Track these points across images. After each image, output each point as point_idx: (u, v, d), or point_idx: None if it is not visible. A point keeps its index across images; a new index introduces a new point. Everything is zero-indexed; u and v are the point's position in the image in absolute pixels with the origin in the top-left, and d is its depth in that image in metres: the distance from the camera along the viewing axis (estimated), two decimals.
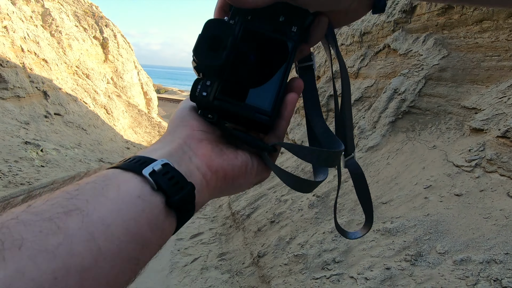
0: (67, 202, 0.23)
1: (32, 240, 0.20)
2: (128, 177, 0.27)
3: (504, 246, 1.68)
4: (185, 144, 0.32)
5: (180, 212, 0.28)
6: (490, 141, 2.44)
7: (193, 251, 3.98)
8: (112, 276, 0.22)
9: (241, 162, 0.34)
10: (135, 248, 0.24)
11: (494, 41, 3.11)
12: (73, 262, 0.20)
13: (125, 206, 0.24)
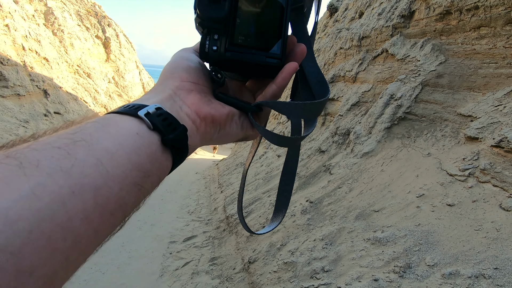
0: (72, 136, 0.24)
1: (47, 162, 0.21)
2: (126, 119, 0.29)
3: (494, 261, 1.63)
4: (175, 94, 0.34)
5: (175, 150, 0.30)
6: (485, 150, 2.40)
7: (185, 254, 3.94)
8: (120, 197, 0.24)
9: (228, 111, 0.37)
10: (138, 175, 0.26)
11: (492, 48, 3.06)
12: (87, 181, 0.22)
13: (125, 140, 0.26)
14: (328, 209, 3.09)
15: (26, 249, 0.18)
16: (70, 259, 0.21)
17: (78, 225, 0.21)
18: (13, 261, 0.18)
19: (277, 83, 0.38)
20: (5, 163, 0.20)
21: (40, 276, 0.19)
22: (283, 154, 6.16)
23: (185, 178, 8.83)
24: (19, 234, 0.18)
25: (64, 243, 0.20)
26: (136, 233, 4.61)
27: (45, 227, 0.19)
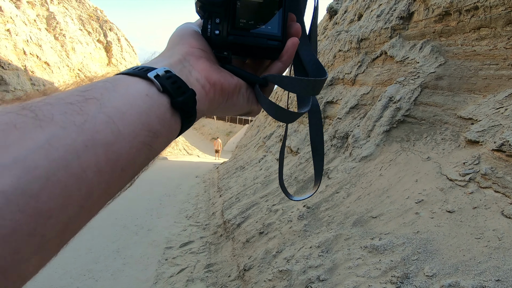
0: (84, 93, 0.25)
1: (61, 116, 0.22)
2: (135, 80, 0.29)
3: (496, 272, 1.55)
4: (185, 60, 0.34)
5: (183, 114, 0.31)
6: (486, 154, 2.32)
7: (181, 260, 3.87)
8: (130, 155, 0.25)
9: (236, 81, 0.38)
10: (148, 135, 0.27)
11: (492, 49, 2.99)
12: (99, 137, 0.23)
13: (135, 100, 0.27)
14: (325, 214, 3.01)
15: (44, 194, 0.19)
16: (84, 209, 0.22)
17: (91, 177, 0.22)
18: (32, 204, 0.19)
19: (283, 61, 0.40)
20: (22, 114, 0.21)
21: (57, 221, 0.20)
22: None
23: (185, 182, 8.77)
24: (37, 180, 0.19)
25: (78, 193, 0.21)
26: (133, 239, 4.55)
27: (60, 176, 0.20)
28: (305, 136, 5.72)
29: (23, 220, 0.18)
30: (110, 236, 4.56)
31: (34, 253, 0.19)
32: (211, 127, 28.58)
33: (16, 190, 0.18)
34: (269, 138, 8.16)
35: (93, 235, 4.52)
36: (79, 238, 1.12)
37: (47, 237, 0.20)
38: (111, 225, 5.03)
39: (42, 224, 0.19)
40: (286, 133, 0.55)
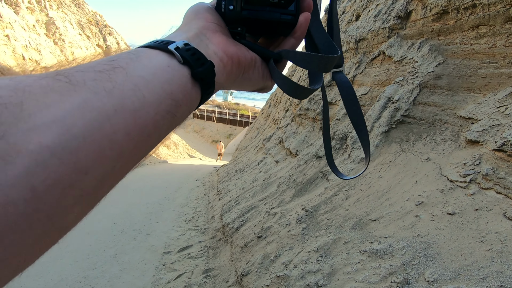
0: (111, 62, 0.27)
1: (92, 82, 0.24)
2: (157, 52, 0.30)
3: (499, 277, 1.49)
4: (201, 34, 0.35)
5: (203, 84, 0.32)
6: (487, 154, 2.26)
7: (179, 266, 3.81)
8: (156, 122, 0.27)
9: (252, 55, 0.39)
10: (171, 104, 0.28)
11: (492, 47, 2.94)
12: (127, 103, 0.24)
13: (158, 71, 0.28)
14: (324, 218, 2.96)
15: (82, 151, 0.21)
16: (115, 168, 0.24)
17: (121, 139, 0.23)
18: (73, 159, 0.20)
19: (296, 37, 0.41)
20: (57, 79, 0.23)
21: (93, 177, 0.22)
22: (281, 160, 6.04)
23: (184, 185, 8.72)
24: (75, 138, 0.21)
25: (111, 153, 0.23)
26: (130, 244, 4.49)
27: (95, 135, 0.22)
28: (304, 138, 5.67)
29: (65, 173, 0.20)
30: (107, 242, 4.51)
31: (74, 204, 0.21)
32: (212, 130, 28.55)
33: (58, 146, 0.20)
34: (269, 140, 8.12)
35: (91, 240, 4.47)
36: (76, 244, 1.08)
37: (85, 191, 0.22)
38: (109, 230, 4.98)
39: (81, 179, 0.21)
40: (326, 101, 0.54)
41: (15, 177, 0.18)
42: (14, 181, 0.18)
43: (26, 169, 0.18)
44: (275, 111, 10.39)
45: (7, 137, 0.18)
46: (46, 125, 0.20)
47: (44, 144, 0.19)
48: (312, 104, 6.03)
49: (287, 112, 8.24)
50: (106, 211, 5.84)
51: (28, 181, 0.18)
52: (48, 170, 0.19)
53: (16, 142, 0.19)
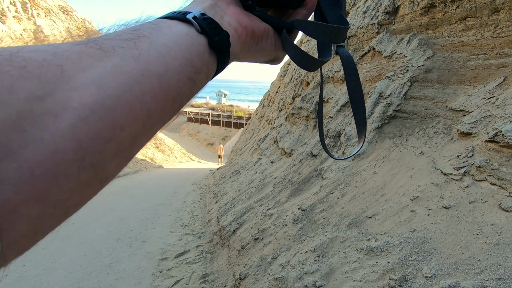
0: (135, 32, 0.28)
1: (120, 49, 0.26)
2: (175, 22, 0.32)
3: (497, 269, 1.47)
4: (216, 5, 0.36)
5: (219, 53, 0.33)
6: (479, 146, 2.25)
7: (176, 272, 3.75)
8: (179, 87, 0.29)
9: (265, 26, 0.40)
10: (191, 71, 0.30)
11: (480, 39, 2.94)
12: (152, 68, 0.26)
13: (178, 39, 0.30)
14: (320, 217, 2.93)
15: (117, 109, 0.23)
16: (145, 128, 0.26)
17: (149, 101, 0.26)
18: (110, 116, 0.22)
19: (307, 8, 0.42)
20: (89, 46, 0.25)
21: (128, 134, 0.24)
22: (276, 160, 6.01)
23: (180, 190, 8.64)
24: (110, 98, 0.23)
25: (141, 113, 0.25)
26: (126, 252, 4.42)
27: (127, 96, 0.24)
28: (298, 137, 5.65)
29: (104, 128, 0.22)
30: (103, 251, 4.42)
31: (113, 157, 0.23)
32: (207, 133, 28.44)
33: (96, 104, 0.22)
34: (263, 141, 8.08)
35: (85, 250, 4.38)
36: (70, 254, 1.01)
37: (122, 145, 0.24)
38: (104, 238, 4.89)
39: (118, 134, 0.23)
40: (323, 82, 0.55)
41: (63, 130, 0.20)
42: (63, 132, 0.20)
43: (72, 123, 0.20)
44: (269, 111, 10.37)
45: (54, 95, 0.20)
46: (85, 86, 0.22)
47: (85, 102, 0.21)
48: (305, 103, 6.01)
49: (281, 112, 8.22)
50: (101, 219, 5.75)
51: (74, 133, 0.20)
52: (90, 124, 0.21)
53: (62, 99, 0.21)
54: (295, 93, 7.25)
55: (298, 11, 0.43)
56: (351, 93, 0.49)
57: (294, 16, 0.43)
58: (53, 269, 3.82)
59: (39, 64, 0.21)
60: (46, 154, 0.19)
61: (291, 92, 7.60)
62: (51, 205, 0.20)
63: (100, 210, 6.26)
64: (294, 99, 7.15)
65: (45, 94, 0.20)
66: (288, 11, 0.44)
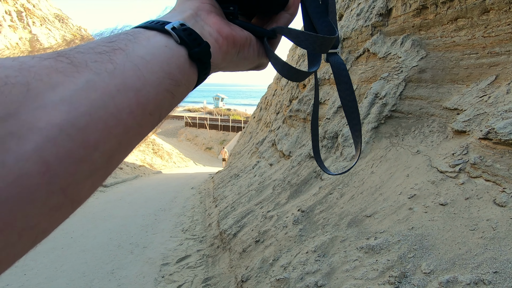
0: (110, 44, 0.27)
1: (93, 64, 0.24)
2: (154, 33, 0.31)
3: (493, 263, 1.51)
4: (196, 15, 0.36)
5: (200, 65, 0.32)
6: (473, 144, 2.30)
7: (178, 277, 3.76)
8: (157, 101, 0.27)
9: (247, 34, 0.39)
10: (170, 83, 0.29)
11: (471, 39, 3.01)
12: (129, 83, 0.25)
13: (156, 51, 0.29)
14: (320, 217, 2.96)
15: (90, 128, 0.22)
16: (122, 145, 0.25)
17: (125, 117, 0.24)
18: (81, 136, 0.21)
19: (290, 12, 0.41)
20: (60, 60, 0.23)
21: (102, 152, 0.23)
22: (275, 162, 6.04)
23: (180, 195, 8.64)
24: (82, 116, 0.21)
25: (116, 129, 0.24)
26: (127, 258, 4.42)
27: (101, 113, 0.23)
28: (296, 139, 5.69)
29: (74, 148, 0.21)
30: (104, 258, 4.42)
31: (86, 178, 0.22)
32: (205, 137, 28.46)
33: (67, 123, 0.21)
34: (262, 144, 8.12)
35: (86, 258, 4.38)
36: (71, 262, 1.04)
37: (96, 165, 0.23)
38: (105, 245, 4.89)
39: (91, 153, 0.22)
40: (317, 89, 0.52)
41: (28, 152, 0.19)
42: (28, 155, 0.19)
43: (38, 144, 0.19)
44: (266, 114, 10.42)
45: (19, 115, 0.19)
46: (54, 104, 0.21)
47: (53, 122, 0.20)
48: (302, 105, 6.06)
49: (278, 115, 8.27)
50: (101, 226, 5.75)
51: (40, 155, 0.19)
52: (58, 145, 0.20)
53: (27, 119, 0.19)
54: (292, 95, 7.31)
55: (281, 15, 0.42)
56: (344, 103, 0.47)
57: (278, 20, 0.42)
58: (54, 277, 3.82)
59: (2, 82, 0.20)
60: (8, 179, 0.18)
61: (288, 95, 7.66)
62: (15, 234, 0.19)
63: (100, 217, 6.26)
64: (291, 102, 7.21)
65: (8, 114, 0.19)
66: (271, 17, 0.43)
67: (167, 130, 30.70)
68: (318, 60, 0.46)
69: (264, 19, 0.45)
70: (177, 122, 32.03)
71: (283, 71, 0.41)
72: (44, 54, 0.24)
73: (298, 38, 0.38)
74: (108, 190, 9.00)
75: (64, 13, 21.21)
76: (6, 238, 0.18)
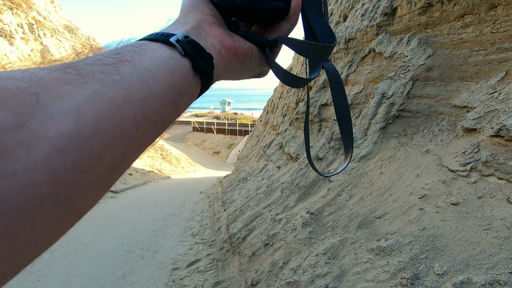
0: (117, 55, 0.28)
1: (101, 75, 0.25)
2: (158, 45, 0.31)
3: (508, 263, 1.47)
4: (199, 27, 0.36)
5: (203, 76, 0.33)
6: (485, 141, 2.25)
7: (188, 281, 3.77)
8: (161, 111, 0.28)
9: (249, 45, 0.40)
10: (174, 94, 0.29)
11: (479, 35, 2.96)
12: (134, 93, 0.26)
13: (161, 63, 0.29)
14: (329, 219, 2.93)
15: (96, 138, 0.22)
16: (126, 155, 0.25)
17: (130, 127, 0.25)
18: (87, 146, 0.21)
19: (291, 22, 0.42)
20: (68, 72, 0.24)
21: (107, 162, 0.23)
22: (282, 165, 6.03)
23: (189, 199, 8.69)
24: (89, 126, 0.22)
25: (121, 140, 0.24)
26: (138, 263, 4.46)
27: (106, 124, 0.23)
28: (303, 141, 5.67)
29: (81, 159, 0.21)
30: (115, 263, 4.47)
31: (91, 188, 0.22)
32: (212, 142, 28.60)
33: (73, 133, 0.21)
34: (269, 147, 8.12)
35: (98, 263, 4.44)
36: (84, 268, 1.07)
37: (101, 175, 0.23)
38: (116, 250, 4.94)
39: (96, 164, 0.22)
40: (309, 99, 0.56)
41: (36, 162, 0.19)
42: (36, 165, 0.19)
43: (46, 154, 0.19)
44: (273, 117, 10.43)
45: (28, 126, 0.20)
46: (62, 115, 0.21)
47: (61, 132, 0.21)
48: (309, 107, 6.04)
49: (285, 117, 8.27)
50: (112, 232, 5.82)
51: (48, 165, 0.19)
52: (66, 155, 0.20)
53: (36, 130, 0.20)
54: (298, 97, 7.30)
55: (282, 24, 0.42)
56: (337, 108, 0.48)
57: (278, 29, 0.43)
58: (67, 282, 3.88)
59: (13, 93, 0.20)
60: (17, 189, 0.18)
61: (294, 97, 7.65)
62: (21, 244, 0.19)
63: (111, 223, 6.34)
64: (298, 104, 7.20)
65: (18, 125, 0.19)
66: (272, 25, 0.44)
67: (175, 135, 30.99)
68: (318, 67, 0.46)
69: (265, 27, 0.45)
70: (185, 127, 32.32)
71: (285, 79, 0.42)
72: (53, 66, 0.24)
73: (299, 47, 0.39)
74: (118, 196, 9.11)
75: (73, 24, 21.75)
76: (13, 247, 0.19)
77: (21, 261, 0.20)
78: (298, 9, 0.41)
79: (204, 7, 0.39)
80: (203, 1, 0.39)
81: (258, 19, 0.43)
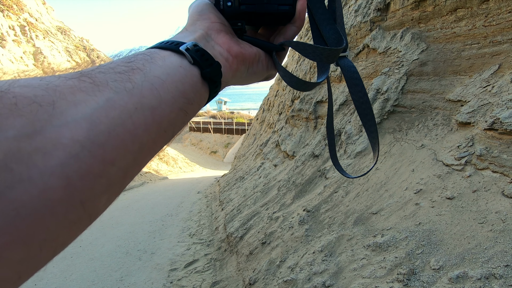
0: (129, 64, 0.29)
1: (113, 83, 0.26)
2: (168, 53, 0.32)
3: (503, 257, 1.46)
4: (207, 35, 0.37)
5: (211, 83, 0.34)
6: (479, 135, 2.25)
7: (186, 282, 3.75)
8: (171, 118, 0.29)
9: (256, 51, 0.40)
10: (184, 102, 0.31)
11: (472, 29, 2.96)
12: (145, 101, 0.26)
13: (171, 71, 0.30)
14: (325, 216, 2.93)
15: (108, 145, 0.23)
16: (136, 161, 0.26)
17: (141, 134, 0.26)
18: (101, 152, 0.22)
19: (297, 25, 0.42)
20: (82, 80, 0.25)
21: (119, 168, 0.24)
22: (279, 163, 6.02)
23: (186, 199, 8.66)
24: (102, 133, 0.23)
25: (133, 146, 0.25)
26: (136, 264, 4.43)
27: (119, 131, 0.24)
28: (299, 139, 5.66)
29: (95, 164, 0.22)
30: (112, 265, 4.44)
31: (103, 192, 0.23)
32: (209, 141, 28.53)
33: (88, 140, 0.22)
34: (266, 145, 8.10)
35: (95, 266, 4.40)
36: (81, 271, 1.04)
37: (112, 180, 0.23)
38: (113, 253, 4.91)
39: (108, 169, 0.23)
40: (331, 95, 0.52)
41: (52, 167, 0.20)
42: (52, 170, 0.20)
43: (62, 160, 0.20)
44: (269, 115, 10.41)
45: (44, 132, 0.20)
46: (76, 122, 0.22)
47: (76, 139, 0.21)
48: (304, 104, 6.03)
49: (281, 115, 8.25)
50: (109, 234, 5.78)
51: (63, 170, 0.20)
52: (80, 161, 0.21)
53: (52, 136, 0.20)
54: (294, 95, 7.29)
55: (288, 28, 0.43)
56: (357, 105, 0.46)
57: (284, 33, 0.43)
58: (64, 286, 3.84)
59: (30, 100, 0.21)
60: (33, 193, 0.19)
61: (290, 95, 7.64)
62: (36, 246, 0.20)
63: (108, 225, 6.30)
64: (293, 101, 7.18)
65: (35, 131, 0.20)
66: (277, 28, 0.44)
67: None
68: (327, 70, 0.46)
69: (271, 29, 0.46)
70: None
71: (292, 83, 0.42)
72: (68, 74, 0.25)
73: (305, 50, 0.40)
74: None
75: (66, 25, 21.54)
76: (29, 249, 0.19)
77: (36, 263, 0.20)
78: (303, 12, 0.42)
79: (211, 14, 0.39)
80: (210, 8, 0.40)
81: (264, 23, 0.43)
